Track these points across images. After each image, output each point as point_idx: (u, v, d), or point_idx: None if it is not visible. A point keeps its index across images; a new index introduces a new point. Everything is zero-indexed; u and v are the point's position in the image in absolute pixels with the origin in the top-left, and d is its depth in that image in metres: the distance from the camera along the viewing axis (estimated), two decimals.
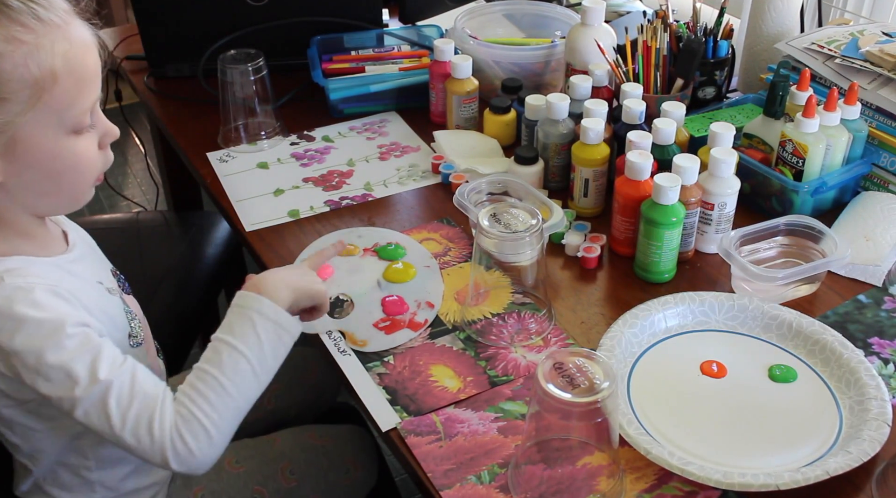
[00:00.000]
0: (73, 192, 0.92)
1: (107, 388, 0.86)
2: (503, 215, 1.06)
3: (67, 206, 0.94)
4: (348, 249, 1.24)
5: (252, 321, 0.92)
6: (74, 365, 0.85)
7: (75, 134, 0.88)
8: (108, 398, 0.86)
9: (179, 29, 1.63)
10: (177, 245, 1.70)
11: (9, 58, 0.80)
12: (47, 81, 0.82)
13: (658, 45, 1.38)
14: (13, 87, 0.81)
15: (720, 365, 1.04)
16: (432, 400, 1.02)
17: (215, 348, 0.92)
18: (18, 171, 0.86)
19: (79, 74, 0.85)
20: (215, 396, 0.89)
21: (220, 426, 0.89)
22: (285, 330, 0.94)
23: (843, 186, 1.30)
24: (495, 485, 0.92)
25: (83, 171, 0.90)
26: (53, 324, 0.85)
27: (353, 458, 1.25)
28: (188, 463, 0.88)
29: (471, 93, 1.48)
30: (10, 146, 0.84)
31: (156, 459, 0.88)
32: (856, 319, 1.12)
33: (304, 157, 1.46)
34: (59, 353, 0.85)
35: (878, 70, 1.30)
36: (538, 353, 1.08)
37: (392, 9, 1.83)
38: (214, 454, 0.90)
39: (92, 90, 0.87)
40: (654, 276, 1.18)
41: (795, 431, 0.96)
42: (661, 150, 1.22)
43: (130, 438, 0.87)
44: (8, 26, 0.80)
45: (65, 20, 0.84)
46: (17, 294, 0.85)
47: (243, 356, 0.91)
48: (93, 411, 0.86)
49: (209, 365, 0.91)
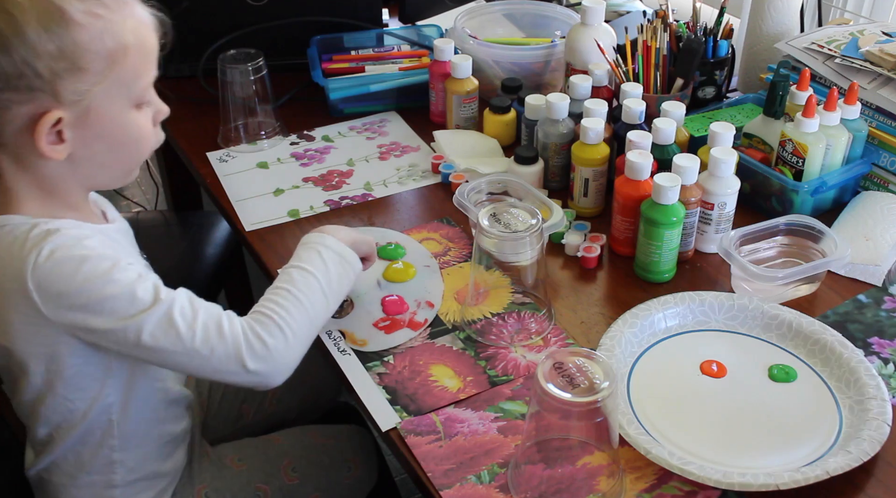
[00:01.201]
0: (129, 166, 0.98)
1: (170, 305, 0.91)
2: (503, 215, 1.06)
3: (121, 179, 0.99)
4: None
5: (318, 251, 1.02)
6: (136, 289, 0.90)
7: (137, 108, 0.94)
8: (173, 313, 0.90)
9: (179, 28, 1.62)
10: (177, 245, 1.70)
11: (88, 30, 0.85)
12: (119, 54, 0.88)
13: (658, 45, 1.38)
14: (91, 57, 0.86)
15: (720, 365, 1.04)
16: (432, 400, 1.02)
17: (285, 272, 1.00)
18: (87, 142, 0.91)
19: (145, 49, 0.92)
20: (288, 303, 0.96)
21: (294, 328, 0.94)
22: (348, 262, 1.04)
23: (843, 186, 1.30)
24: (495, 485, 0.92)
25: (142, 144, 0.96)
26: (111, 259, 0.90)
27: (353, 456, 1.25)
28: (266, 359, 0.92)
29: (471, 93, 1.48)
30: (84, 116, 0.89)
31: (231, 360, 0.91)
32: (856, 318, 1.12)
33: (304, 157, 1.46)
34: (120, 283, 0.89)
35: (878, 70, 1.30)
36: (538, 353, 1.08)
37: (392, 9, 1.82)
38: (291, 357, 0.94)
39: (153, 66, 0.94)
40: (654, 276, 1.18)
41: (795, 431, 0.96)
42: (661, 150, 1.22)
43: (202, 346, 0.90)
44: (86, 1, 0.86)
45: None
46: (73, 241, 0.90)
47: (312, 275, 0.99)
48: (160, 330, 0.90)
49: (279, 282, 0.98)
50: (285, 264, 1.03)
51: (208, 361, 0.91)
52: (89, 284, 0.88)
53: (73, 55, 0.85)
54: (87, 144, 0.91)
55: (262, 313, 0.95)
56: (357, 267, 1.06)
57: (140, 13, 0.92)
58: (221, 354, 0.91)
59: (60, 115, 0.87)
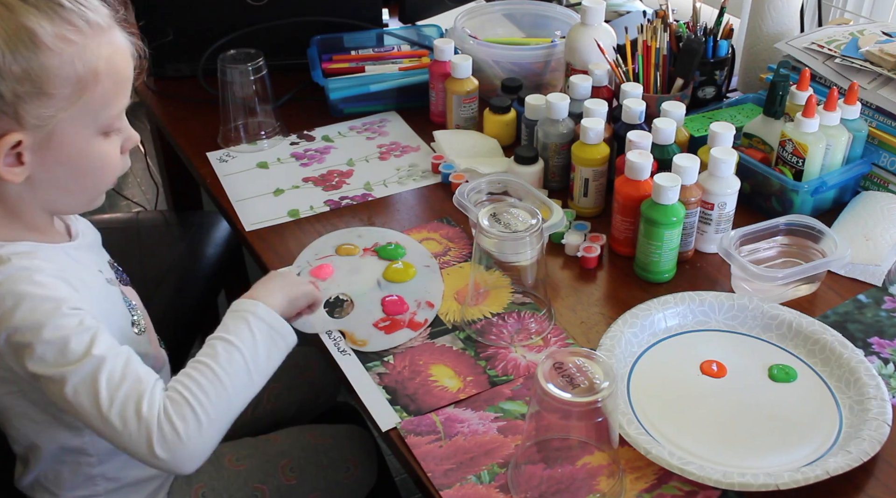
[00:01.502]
0: (92, 193, 0.95)
1: (99, 364, 0.85)
2: (503, 215, 1.06)
3: (83, 206, 0.97)
4: (348, 248, 1.24)
5: (247, 321, 0.93)
6: (70, 340, 0.85)
7: (104, 135, 0.91)
8: (99, 375, 0.85)
9: (179, 29, 1.62)
10: (177, 245, 1.70)
11: (57, 55, 0.83)
12: (90, 81, 0.86)
13: (658, 45, 1.38)
14: (58, 83, 0.84)
15: (720, 365, 1.04)
16: (432, 400, 1.02)
17: (210, 344, 0.92)
18: (48, 167, 0.89)
19: (117, 77, 0.89)
20: (207, 383, 0.88)
21: (210, 414, 0.87)
22: (279, 333, 0.95)
23: (843, 186, 1.30)
24: (495, 485, 0.92)
25: (106, 172, 0.93)
26: (54, 301, 0.86)
27: (352, 456, 1.25)
28: (174, 449, 0.85)
29: (471, 93, 1.48)
30: (46, 141, 0.87)
31: (141, 443, 0.85)
32: (856, 318, 1.12)
33: (304, 157, 1.46)
34: (56, 329, 0.85)
35: (878, 70, 1.30)
36: (538, 353, 1.08)
37: (392, 9, 1.82)
38: (202, 446, 0.87)
39: (126, 94, 0.91)
40: (654, 276, 1.18)
41: (795, 431, 0.96)
42: (661, 150, 1.22)
43: (117, 418, 0.84)
44: (59, 25, 0.83)
45: (109, 25, 0.88)
46: (21, 274, 0.86)
47: (237, 349, 0.91)
48: (82, 388, 0.84)
49: (203, 356, 0.91)
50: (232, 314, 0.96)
51: (119, 436, 0.85)
52: (25, 323, 0.85)
53: (39, 79, 0.83)
54: (48, 169, 0.89)
55: (179, 394, 0.87)
56: (289, 338, 0.96)
57: (118, 40, 0.89)
58: (133, 432, 0.84)
59: (20, 138, 0.85)
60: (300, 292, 1.03)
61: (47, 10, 0.83)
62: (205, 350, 0.92)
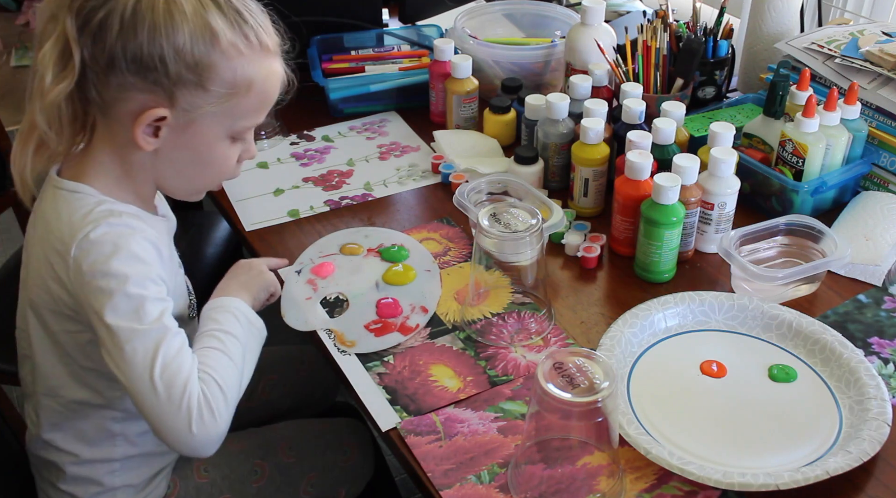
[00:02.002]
0: (200, 185, 1.03)
1: (165, 333, 0.91)
2: (503, 215, 1.06)
3: (188, 193, 1.04)
4: (352, 248, 1.24)
5: (235, 316, 1.01)
6: (148, 303, 0.91)
7: (231, 140, 0.99)
8: (161, 343, 0.91)
9: None
10: (177, 245, 1.69)
11: (227, 58, 0.92)
12: (242, 91, 0.94)
13: (658, 45, 1.38)
14: (218, 82, 0.92)
15: (720, 365, 1.04)
16: (432, 400, 1.02)
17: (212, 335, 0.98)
18: (176, 147, 0.96)
19: (265, 96, 0.98)
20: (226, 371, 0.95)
21: (231, 400, 0.94)
22: (256, 327, 1.03)
23: (843, 186, 1.30)
24: (495, 485, 0.92)
25: (221, 171, 1.01)
26: (146, 264, 0.93)
27: (351, 442, 1.26)
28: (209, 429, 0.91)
29: (471, 93, 1.48)
30: (185, 126, 0.94)
31: (181, 418, 0.90)
32: (856, 318, 1.12)
33: (304, 157, 1.46)
34: (140, 287, 0.91)
35: (878, 70, 1.30)
36: (538, 353, 1.08)
37: (392, 9, 1.83)
38: (226, 428, 0.94)
39: (264, 113, 1.00)
40: (654, 276, 1.18)
41: (795, 431, 0.96)
42: (661, 150, 1.22)
43: (163, 388, 0.90)
44: (238, 34, 0.93)
45: (275, 51, 0.98)
46: (126, 230, 0.93)
47: (237, 339, 0.99)
48: (141, 350, 0.90)
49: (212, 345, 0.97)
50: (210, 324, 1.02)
51: (159, 405, 0.90)
52: (115, 272, 0.91)
53: (204, 72, 0.91)
54: (176, 149, 0.96)
55: (212, 379, 0.93)
56: (263, 335, 1.05)
57: (276, 66, 0.98)
58: (175, 405, 0.90)
59: (166, 114, 0.92)
60: (260, 286, 1.10)
61: (233, 19, 0.92)
62: (211, 342, 0.97)
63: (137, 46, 0.88)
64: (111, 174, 0.97)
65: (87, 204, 0.95)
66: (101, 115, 0.94)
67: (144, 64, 0.89)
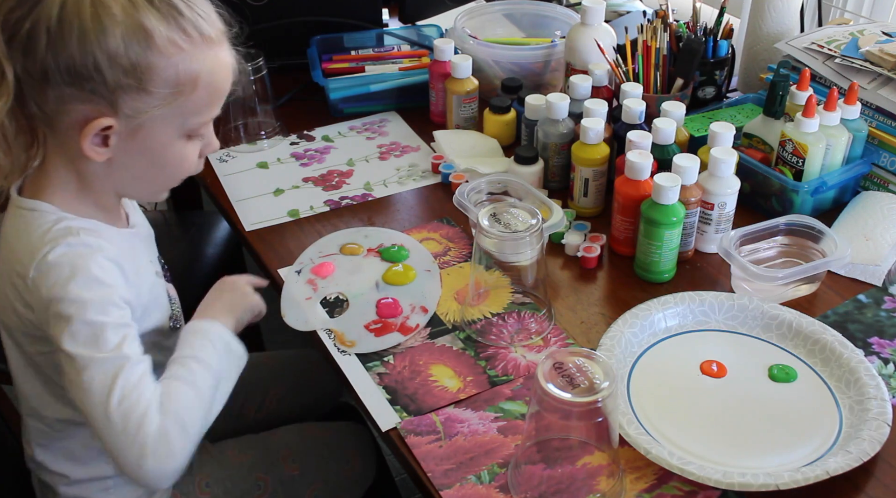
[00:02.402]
0: (161, 187, 1.00)
1: (124, 363, 0.88)
2: (503, 215, 1.06)
3: (150, 196, 1.02)
4: (352, 248, 1.24)
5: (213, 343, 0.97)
6: (108, 330, 0.88)
7: (187, 138, 0.95)
8: (119, 372, 0.87)
9: None
10: (177, 245, 1.70)
11: (165, 57, 0.87)
12: (188, 87, 0.90)
13: (658, 45, 1.38)
14: (159, 83, 0.88)
15: (720, 365, 1.04)
16: (432, 400, 1.02)
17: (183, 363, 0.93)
18: (129, 154, 0.92)
19: (214, 89, 0.93)
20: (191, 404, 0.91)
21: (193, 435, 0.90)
22: (235, 354, 0.99)
23: (843, 186, 1.30)
24: (495, 485, 0.92)
25: (180, 170, 0.97)
26: (107, 287, 0.90)
27: (352, 450, 1.26)
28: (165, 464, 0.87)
29: (471, 92, 1.48)
30: (134, 131, 0.90)
31: (133, 451, 0.86)
32: (856, 318, 1.12)
33: (304, 157, 1.46)
34: (99, 314, 0.88)
35: (878, 70, 1.30)
36: (538, 353, 1.08)
37: (392, 9, 1.82)
38: (184, 463, 0.89)
39: (217, 107, 0.95)
40: (654, 275, 1.18)
41: (795, 431, 0.96)
42: (661, 150, 1.22)
43: (120, 419, 0.86)
44: (174, 30, 0.87)
45: (219, 39, 0.92)
46: (86, 250, 0.90)
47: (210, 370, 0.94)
48: (99, 379, 0.86)
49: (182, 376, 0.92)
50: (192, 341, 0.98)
51: (115, 436, 0.86)
52: (74, 297, 0.88)
53: (143, 75, 0.87)
54: (129, 156, 0.93)
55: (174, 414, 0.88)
56: (243, 362, 1.00)
57: (223, 56, 0.93)
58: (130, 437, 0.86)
59: (111, 123, 0.88)
60: (244, 308, 1.06)
61: (167, 14, 0.87)
62: (180, 371, 0.92)
63: (69, 56, 0.84)
64: (69, 188, 0.94)
65: (46, 222, 0.91)
66: (48, 129, 0.91)
67: (79, 74, 0.85)
